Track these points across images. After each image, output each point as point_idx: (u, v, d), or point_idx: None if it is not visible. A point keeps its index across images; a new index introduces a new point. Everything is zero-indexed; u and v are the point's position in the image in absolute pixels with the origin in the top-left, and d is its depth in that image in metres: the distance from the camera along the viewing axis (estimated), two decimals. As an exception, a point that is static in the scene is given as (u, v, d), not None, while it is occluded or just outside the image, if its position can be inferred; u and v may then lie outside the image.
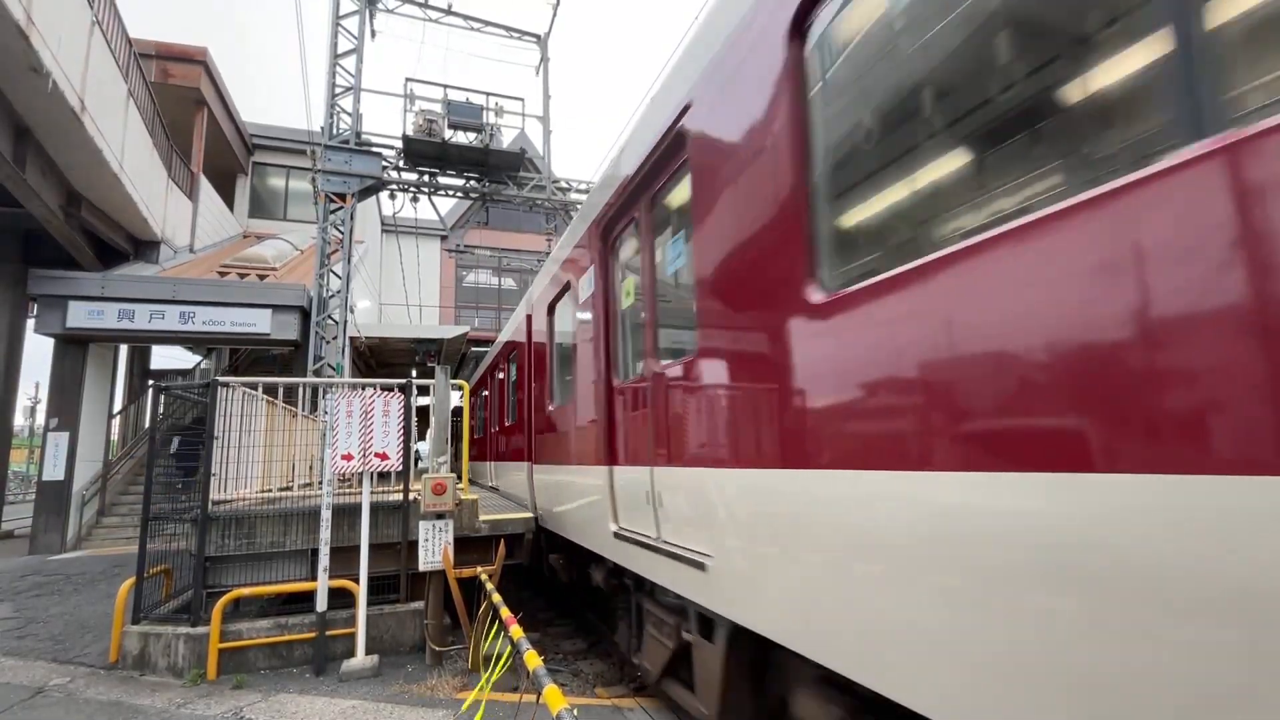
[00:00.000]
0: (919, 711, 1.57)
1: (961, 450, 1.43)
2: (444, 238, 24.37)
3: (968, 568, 1.41)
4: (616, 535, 3.88)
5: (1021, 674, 1.30)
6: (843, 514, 1.80)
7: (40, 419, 24.75)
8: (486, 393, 12.15)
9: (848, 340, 1.79)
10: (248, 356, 17.13)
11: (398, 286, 20.24)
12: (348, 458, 5.39)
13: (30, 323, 11.70)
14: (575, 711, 2.35)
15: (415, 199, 12.91)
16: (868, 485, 1.70)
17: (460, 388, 7.50)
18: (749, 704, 2.73)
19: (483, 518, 6.14)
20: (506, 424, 8.95)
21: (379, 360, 17.42)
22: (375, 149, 11.94)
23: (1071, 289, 1.21)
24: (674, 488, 3.04)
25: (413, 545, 5.64)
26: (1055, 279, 1.24)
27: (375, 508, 5.65)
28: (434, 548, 5.45)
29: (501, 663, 3.77)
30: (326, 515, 5.28)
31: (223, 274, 12.71)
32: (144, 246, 12.46)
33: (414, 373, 15.39)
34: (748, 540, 2.31)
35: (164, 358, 19.88)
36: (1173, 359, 1.06)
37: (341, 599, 5.35)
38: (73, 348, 11.24)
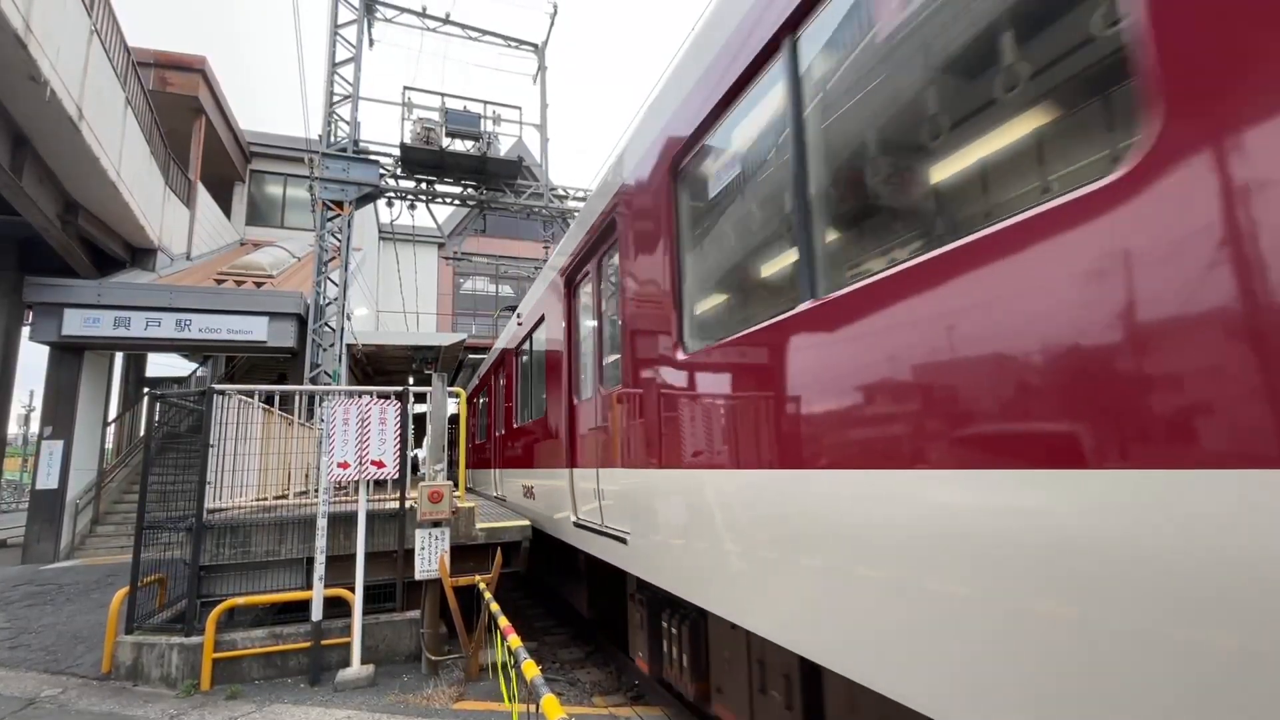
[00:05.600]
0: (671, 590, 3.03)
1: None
2: (441, 245, 24.39)
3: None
4: None
5: None
6: None
7: (34, 427, 24.61)
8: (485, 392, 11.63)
9: None
10: (244, 364, 17.09)
11: (395, 294, 20.23)
12: (344, 466, 5.37)
13: (25, 330, 11.66)
14: (572, 721, 2.34)
15: (413, 206, 12.93)
16: None
17: (457, 395, 7.51)
18: None
19: (480, 525, 6.12)
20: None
21: (376, 368, 17.39)
22: (373, 157, 11.97)
23: None
24: None
25: (409, 553, 5.61)
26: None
27: (372, 516, 5.62)
28: (430, 556, 5.42)
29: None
30: (322, 523, 5.26)
31: (219, 281, 12.70)
32: (141, 254, 12.44)
33: (411, 380, 15.38)
34: None
35: (160, 365, 19.86)
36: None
37: (337, 608, 5.31)
38: (68, 355, 11.19)
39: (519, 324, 7.79)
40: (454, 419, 13.61)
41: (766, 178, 2.54)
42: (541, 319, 6.39)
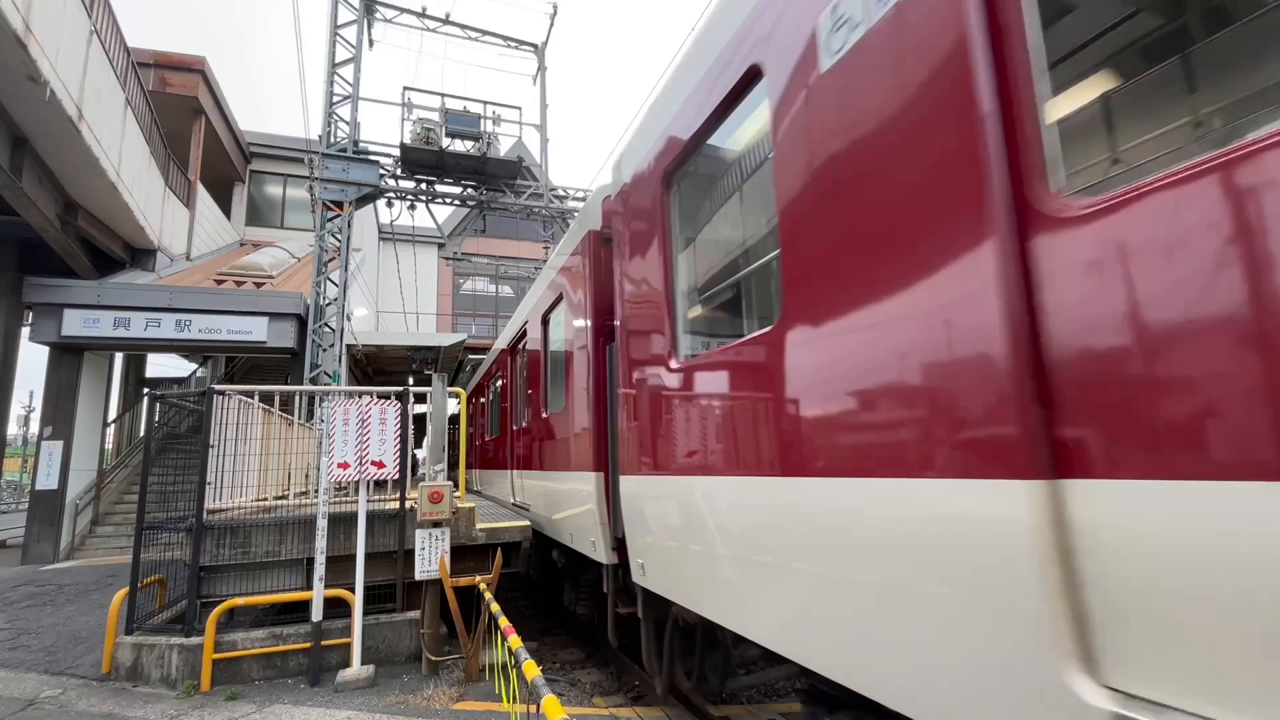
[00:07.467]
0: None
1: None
2: (441, 245, 24.39)
3: None
4: None
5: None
6: None
7: (34, 428, 24.61)
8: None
9: None
10: (244, 364, 17.09)
11: (395, 294, 20.24)
12: (344, 466, 5.37)
13: (25, 331, 11.66)
14: (573, 721, 2.33)
15: (413, 207, 12.92)
16: None
17: (457, 395, 7.52)
18: None
19: (480, 526, 6.11)
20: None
21: (376, 368, 17.39)
22: (373, 157, 11.96)
23: None
24: None
25: (409, 554, 5.61)
26: None
27: (372, 516, 5.62)
28: (430, 556, 5.42)
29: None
30: (322, 524, 5.25)
31: (219, 282, 12.70)
32: (140, 255, 12.44)
33: (411, 380, 15.37)
34: None
35: (160, 366, 19.86)
36: None
37: (337, 608, 5.31)
38: (68, 356, 11.19)
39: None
40: (454, 419, 13.62)
41: None
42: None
